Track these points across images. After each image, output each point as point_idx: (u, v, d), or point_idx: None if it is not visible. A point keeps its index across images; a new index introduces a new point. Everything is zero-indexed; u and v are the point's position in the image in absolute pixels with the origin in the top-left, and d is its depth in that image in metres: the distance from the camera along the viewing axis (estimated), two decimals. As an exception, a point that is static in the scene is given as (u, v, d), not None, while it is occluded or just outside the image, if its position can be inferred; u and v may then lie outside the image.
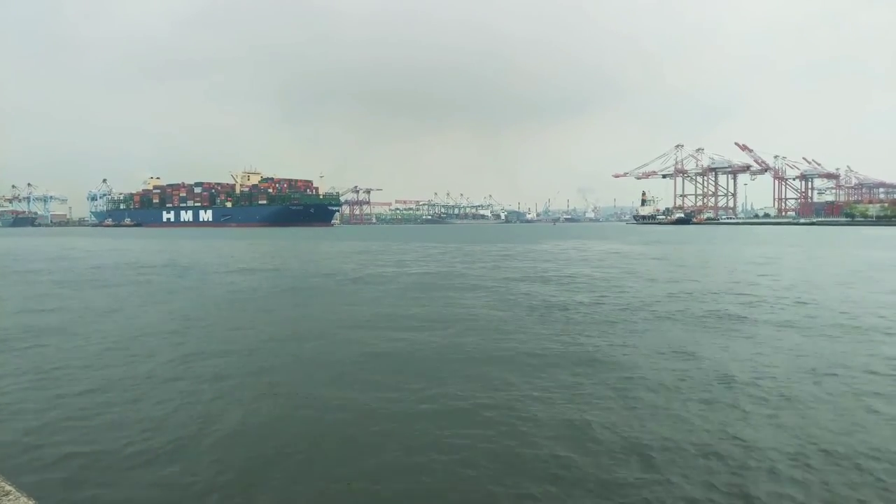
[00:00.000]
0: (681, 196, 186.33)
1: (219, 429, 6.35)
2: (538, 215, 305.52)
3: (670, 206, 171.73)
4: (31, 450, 5.81)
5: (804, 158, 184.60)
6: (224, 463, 5.52)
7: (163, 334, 11.47)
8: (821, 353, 9.55)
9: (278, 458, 5.64)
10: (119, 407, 7.07)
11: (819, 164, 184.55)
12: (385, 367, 8.82)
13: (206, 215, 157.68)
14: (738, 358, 9.24)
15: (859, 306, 14.20)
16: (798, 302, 14.96)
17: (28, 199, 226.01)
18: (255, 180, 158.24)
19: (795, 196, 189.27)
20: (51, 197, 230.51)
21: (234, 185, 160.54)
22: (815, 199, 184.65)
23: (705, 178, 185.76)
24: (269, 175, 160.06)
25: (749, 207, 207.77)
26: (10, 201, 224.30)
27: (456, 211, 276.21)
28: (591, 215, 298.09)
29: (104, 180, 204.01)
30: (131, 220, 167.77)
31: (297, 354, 9.81)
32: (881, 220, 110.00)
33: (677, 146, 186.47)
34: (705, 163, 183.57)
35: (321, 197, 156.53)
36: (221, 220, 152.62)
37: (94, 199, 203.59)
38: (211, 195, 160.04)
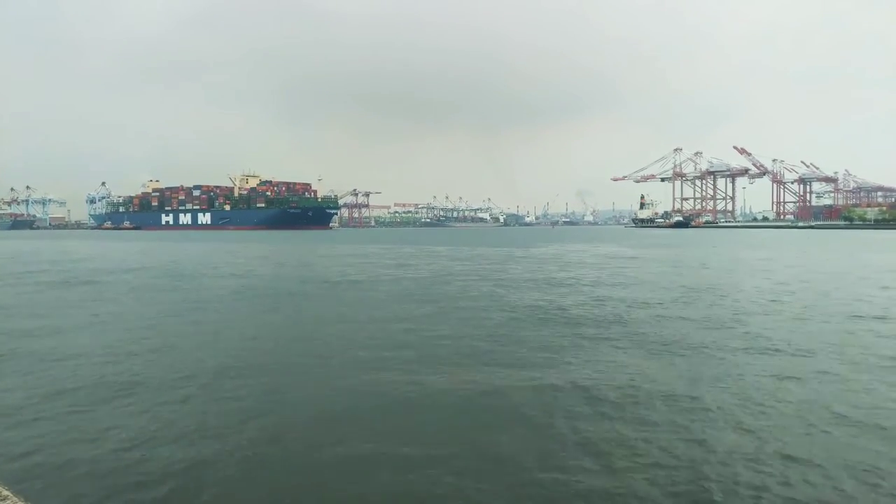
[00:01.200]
0: (679, 199, 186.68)
1: (221, 440, 6.28)
2: (537, 218, 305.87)
3: (669, 209, 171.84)
4: (29, 455, 5.73)
5: (802, 162, 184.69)
6: (227, 477, 5.45)
7: (160, 340, 11.44)
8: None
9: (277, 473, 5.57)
10: (121, 413, 7.01)
11: (817, 168, 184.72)
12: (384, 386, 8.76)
13: (204, 218, 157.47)
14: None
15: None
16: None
17: (27, 201, 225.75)
18: (253, 183, 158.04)
19: (794, 200, 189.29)
20: (49, 200, 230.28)
21: (233, 187, 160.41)
22: (814, 202, 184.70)
23: (704, 181, 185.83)
24: (268, 178, 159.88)
25: (748, 211, 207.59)
26: (9, 204, 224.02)
27: (455, 214, 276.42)
28: (590, 218, 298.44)
29: (103, 183, 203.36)
30: (130, 223, 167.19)
31: (294, 361, 9.74)
32: (879, 224, 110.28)
33: (676, 150, 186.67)
34: (704, 166, 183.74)
35: (319, 200, 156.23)
36: (220, 223, 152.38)
37: (92, 201, 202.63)
38: (209, 198, 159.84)
